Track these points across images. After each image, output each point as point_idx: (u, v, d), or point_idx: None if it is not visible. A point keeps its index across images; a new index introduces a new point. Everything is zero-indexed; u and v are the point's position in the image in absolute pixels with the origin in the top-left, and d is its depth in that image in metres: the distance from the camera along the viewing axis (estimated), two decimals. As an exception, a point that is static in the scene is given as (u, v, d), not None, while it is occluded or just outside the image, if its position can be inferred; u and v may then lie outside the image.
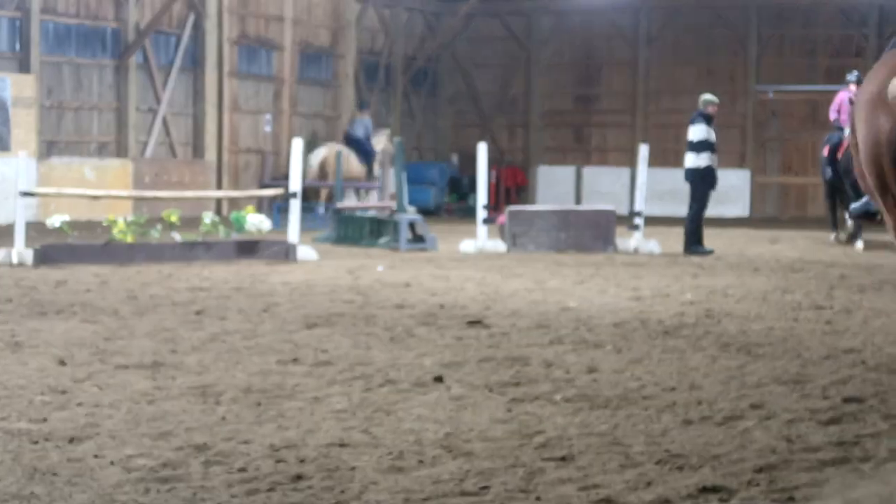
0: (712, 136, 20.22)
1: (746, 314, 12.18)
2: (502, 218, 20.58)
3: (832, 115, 22.02)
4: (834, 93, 32.56)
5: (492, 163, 25.75)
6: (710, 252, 19.74)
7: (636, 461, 6.25)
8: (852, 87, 20.63)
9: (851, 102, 18.06)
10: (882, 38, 33.16)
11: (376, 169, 29.61)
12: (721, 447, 6.56)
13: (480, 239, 19.87)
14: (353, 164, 28.76)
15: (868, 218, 10.16)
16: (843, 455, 6.44)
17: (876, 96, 8.66)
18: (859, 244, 20.95)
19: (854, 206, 10.65)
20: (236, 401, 7.54)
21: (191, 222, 18.55)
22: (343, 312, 11.77)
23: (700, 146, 19.92)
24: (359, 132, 29.62)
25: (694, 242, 20.01)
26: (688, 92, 32.54)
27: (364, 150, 29.25)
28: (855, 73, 21.51)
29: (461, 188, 33.68)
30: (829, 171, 22.04)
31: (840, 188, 21.39)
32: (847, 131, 12.01)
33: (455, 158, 35.71)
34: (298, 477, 5.82)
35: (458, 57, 36.99)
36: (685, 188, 20.51)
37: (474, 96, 36.82)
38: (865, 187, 9.48)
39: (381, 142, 29.70)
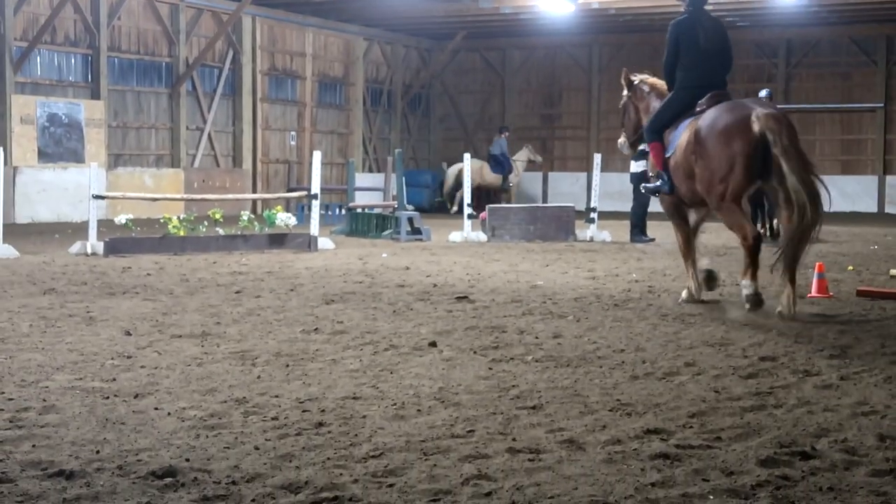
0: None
1: (681, 290, 12.15)
2: (483, 214, 20.55)
3: None
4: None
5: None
6: (652, 240, 19.75)
7: (593, 409, 6.23)
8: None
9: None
10: (790, 67, 33.17)
11: (513, 178, 30.80)
12: (661, 397, 6.54)
13: (466, 231, 19.84)
14: (487, 175, 29.96)
15: (655, 193, 11.21)
16: (761, 403, 6.42)
17: (729, 128, 9.93)
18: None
19: (648, 186, 11.50)
20: (269, 363, 7.51)
21: (231, 220, 18.52)
22: (355, 291, 11.75)
23: (640, 155, 19.98)
24: (495, 150, 30.77)
25: (639, 232, 20.01)
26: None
27: (499, 164, 30.44)
28: (767, 90, 20.92)
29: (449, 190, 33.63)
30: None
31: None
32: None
33: (445, 166, 35.68)
34: (320, 424, 5.79)
35: (446, 85, 36.93)
36: (630, 189, 20.52)
37: (459, 116, 36.78)
38: (690, 195, 10.71)
39: (523, 154, 31.02)
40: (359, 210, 21.47)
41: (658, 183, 10.97)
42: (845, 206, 31.81)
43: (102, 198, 17.26)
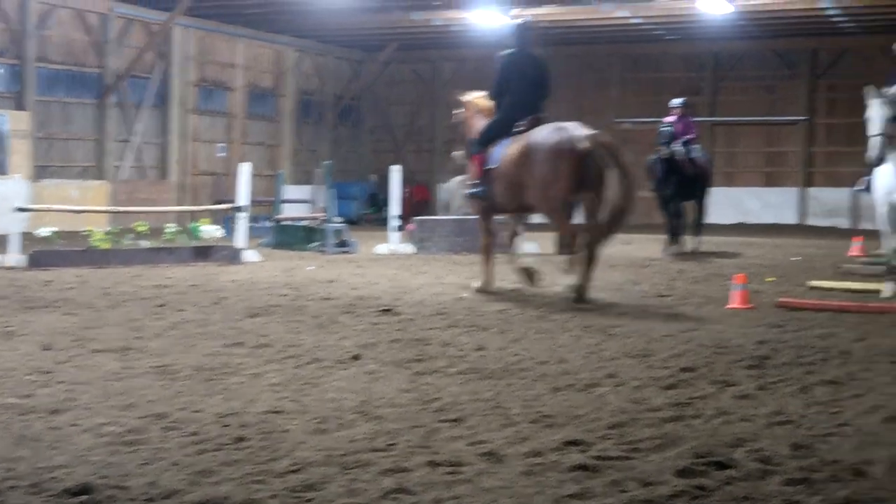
0: None
1: (604, 301, 12.26)
2: (411, 226, 20.56)
3: (663, 133, 20.27)
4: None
5: (404, 181, 25.73)
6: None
7: (514, 421, 6.25)
8: (676, 111, 20.58)
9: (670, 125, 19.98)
10: (717, 80, 33.59)
11: None
12: (582, 409, 6.58)
13: (393, 243, 19.84)
14: None
15: (478, 198, 12.91)
16: (679, 413, 6.49)
17: (559, 146, 11.77)
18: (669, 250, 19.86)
19: (473, 190, 13.11)
20: (190, 377, 7.45)
21: (156, 232, 18.34)
22: (279, 304, 11.69)
23: None
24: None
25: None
26: (561, 124, 32.72)
27: None
28: (681, 99, 21.19)
29: (378, 202, 33.62)
30: (666, 186, 20.27)
31: (677, 200, 20.21)
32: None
33: (374, 178, 35.65)
34: (240, 439, 5.76)
35: (377, 96, 36.92)
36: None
37: (390, 128, 36.78)
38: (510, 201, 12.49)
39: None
40: (286, 222, 21.38)
41: (477, 189, 12.78)
42: (768, 217, 32.26)
43: (25, 210, 17.02)
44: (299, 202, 27.25)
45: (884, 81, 12.89)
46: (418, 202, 34.45)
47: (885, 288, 12.56)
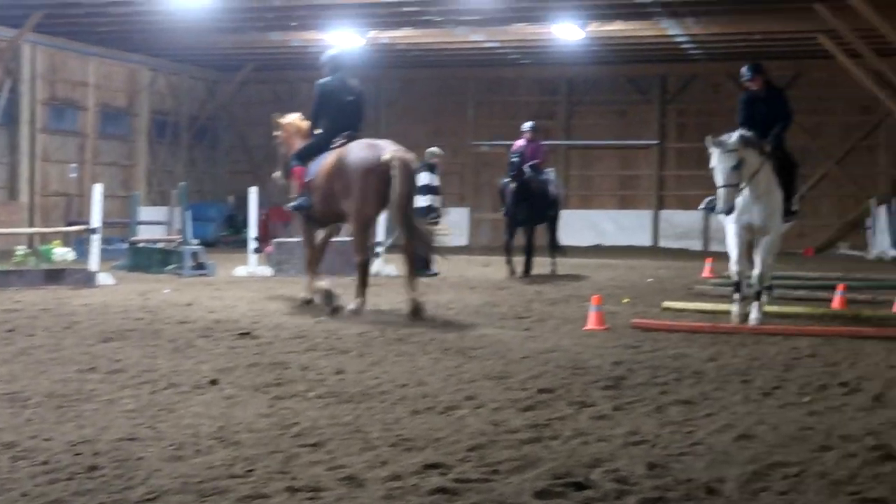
0: (434, 182, 20.67)
1: (463, 324, 12.33)
2: (269, 248, 20.38)
3: (513, 158, 19.75)
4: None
5: (262, 203, 25.51)
6: (437, 274, 19.95)
7: (374, 445, 6.24)
8: (527, 135, 20.56)
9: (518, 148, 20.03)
10: (570, 104, 34.14)
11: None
12: (441, 431, 6.60)
13: (251, 266, 19.64)
14: None
15: (302, 209, 13.82)
16: (538, 435, 6.56)
17: (368, 161, 12.80)
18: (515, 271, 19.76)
19: (293, 203, 14.02)
20: (41, 404, 7.25)
21: (5, 255, 17.84)
22: (134, 328, 11.45)
23: (423, 190, 20.35)
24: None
25: (424, 266, 20.17)
26: (420, 146, 32.77)
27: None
28: (530, 123, 21.15)
29: (236, 224, 33.23)
30: (515, 210, 19.84)
31: (527, 224, 19.90)
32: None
33: (231, 199, 35.24)
34: (93, 467, 5.63)
35: (233, 116, 36.57)
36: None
37: (247, 149, 36.42)
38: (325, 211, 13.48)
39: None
40: (141, 244, 20.99)
41: (301, 200, 13.73)
42: (623, 239, 32.87)
43: None
44: (155, 224, 26.80)
45: (731, 107, 13.26)
46: (276, 224, 34.17)
47: (733, 310, 12.74)
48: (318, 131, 13.84)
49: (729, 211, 12.11)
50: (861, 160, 31.84)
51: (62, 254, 17.21)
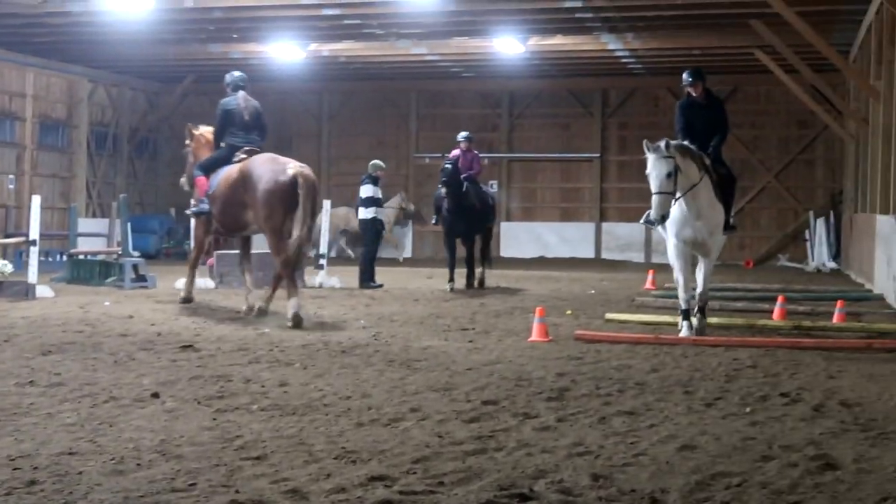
0: (378, 194, 20.65)
1: (408, 336, 12.31)
2: (211, 260, 20.25)
3: (446, 165, 19.49)
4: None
5: (203, 215, 25.33)
6: (381, 286, 19.92)
7: (318, 457, 6.20)
8: (462, 146, 20.14)
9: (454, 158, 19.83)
10: (512, 117, 34.26)
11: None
12: (386, 444, 6.58)
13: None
14: (353, 221, 29.10)
15: (201, 215, 14.91)
16: (483, 446, 6.55)
17: (273, 173, 13.81)
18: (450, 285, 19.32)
19: (193, 209, 15.15)
20: (-22, 419, 7.14)
21: (-58, 266, 17.55)
22: (74, 341, 11.31)
23: (368, 202, 20.36)
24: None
25: (368, 278, 20.16)
26: (362, 158, 32.83)
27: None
28: (465, 133, 20.63)
29: (177, 236, 32.99)
30: (450, 222, 19.62)
31: (463, 235, 19.67)
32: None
33: (172, 211, 34.98)
34: (32, 482, 5.54)
35: (174, 128, 36.27)
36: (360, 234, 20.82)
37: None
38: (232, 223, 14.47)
39: (394, 201, 30.16)
40: (81, 256, 20.76)
41: (200, 207, 14.75)
42: (566, 251, 33.00)
43: None
44: (95, 236, 26.47)
45: (672, 120, 13.20)
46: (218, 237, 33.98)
47: (681, 327, 12.55)
48: (221, 145, 14.88)
49: (662, 220, 11.85)
50: (799, 173, 32.25)
51: (0, 266, 16.94)
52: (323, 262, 20.55)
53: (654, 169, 11.77)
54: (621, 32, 25.70)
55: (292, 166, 13.91)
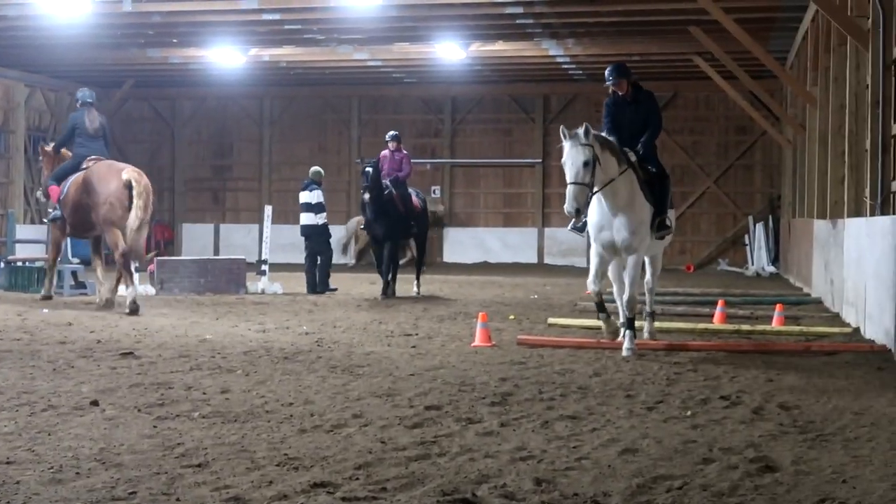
0: (322, 199, 20.46)
1: (350, 341, 12.29)
2: (152, 266, 20.08)
3: (366, 168, 18.89)
4: (419, 164, 33.60)
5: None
6: (335, 290, 19.93)
7: (260, 464, 6.17)
8: (390, 146, 19.37)
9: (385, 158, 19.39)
10: (455, 122, 34.32)
11: None
12: (329, 450, 6.56)
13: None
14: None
15: (56, 220, 16.96)
16: (426, 452, 6.55)
17: (109, 177, 15.97)
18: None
19: (52, 215, 17.09)
20: (-87, 429, 7.02)
21: None
22: (11, 349, 11.16)
23: (318, 207, 20.11)
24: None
25: (326, 283, 19.95)
26: (303, 164, 32.74)
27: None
28: (392, 133, 19.87)
29: (117, 242, 32.66)
30: (375, 227, 19.06)
31: (389, 240, 19.02)
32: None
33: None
34: (-31, 492, 5.47)
35: (114, 133, 35.88)
36: (301, 241, 20.60)
37: (128, 166, 35.86)
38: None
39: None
40: (19, 263, 20.50)
41: (55, 213, 16.75)
42: (508, 257, 33.09)
43: None
44: (33, 242, 26.13)
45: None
46: (159, 242, 33.72)
47: (602, 328, 12.18)
48: (69, 156, 16.98)
49: (577, 213, 11.00)
50: (738, 179, 32.60)
51: (-65, 273, 16.69)
52: (265, 267, 20.43)
53: (570, 157, 11.03)
54: (562, 38, 25.82)
55: (127, 171, 16.01)
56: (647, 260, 12.49)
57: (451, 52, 27.07)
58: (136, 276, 16.39)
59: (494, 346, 11.93)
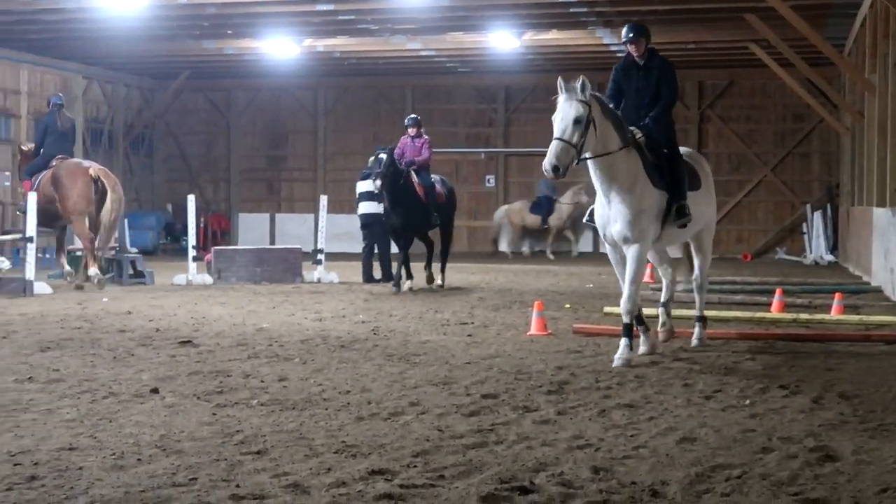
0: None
1: (406, 330, 12.31)
2: (209, 256, 20.23)
3: (378, 154, 17.83)
4: (473, 154, 33.51)
5: (200, 211, 25.40)
6: (379, 281, 19.83)
7: (318, 452, 6.21)
8: (410, 131, 18.46)
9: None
10: (508, 112, 34.25)
11: (553, 220, 30.70)
12: (386, 437, 6.58)
13: (191, 273, 19.47)
14: (526, 217, 30.71)
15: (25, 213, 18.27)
16: (483, 440, 6.56)
17: (77, 172, 18.16)
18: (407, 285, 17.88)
19: (21, 209, 19.50)
20: (-22, 415, 7.14)
21: (-62, 264, 17.54)
22: (72, 337, 11.31)
23: (379, 196, 18.69)
24: (541, 191, 31.14)
25: (389, 273, 19.25)
26: (358, 154, 32.88)
27: (539, 206, 30.76)
28: (413, 116, 19.01)
29: (174, 232, 33.00)
30: (392, 216, 17.91)
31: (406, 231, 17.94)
32: None
33: (169, 207, 34.99)
34: (33, 477, 5.55)
35: (169, 124, 36.26)
36: (357, 229, 20.54)
37: (184, 157, 36.15)
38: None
39: (567, 196, 30.22)
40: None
41: (26, 206, 17.73)
42: (563, 245, 32.99)
43: None
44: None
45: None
46: (216, 232, 33.99)
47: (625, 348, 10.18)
48: (41, 153, 18.68)
49: (555, 171, 9.43)
50: (796, 167, 32.27)
51: (-4, 262, 16.93)
52: (321, 257, 20.51)
53: (561, 112, 9.67)
54: (616, 27, 25.67)
55: (93, 168, 18.13)
56: (693, 250, 11.35)
57: (504, 41, 27.01)
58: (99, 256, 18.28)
59: (550, 334, 11.90)
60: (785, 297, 15.04)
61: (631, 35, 10.52)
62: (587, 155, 9.77)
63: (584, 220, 11.04)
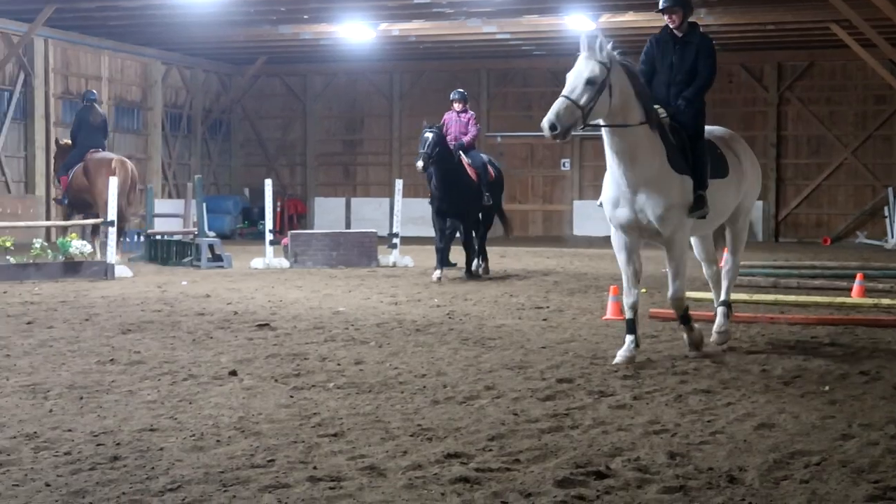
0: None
1: (481, 314, 12.32)
2: (285, 240, 20.41)
3: (426, 133, 16.42)
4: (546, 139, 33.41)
5: (277, 195, 25.59)
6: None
7: (394, 434, 6.25)
8: (456, 107, 17.49)
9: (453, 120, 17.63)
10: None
11: None
12: (462, 421, 6.60)
13: (268, 257, 19.66)
14: None
15: (62, 204, 20.86)
16: (558, 424, 6.55)
17: (102, 164, 19.90)
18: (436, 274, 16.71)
19: (60, 199, 20.95)
20: (62, 396, 7.27)
21: (23, 247, 17.87)
22: (153, 320, 11.49)
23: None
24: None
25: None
26: (433, 138, 32.90)
27: None
28: (459, 91, 17.94)
29: (252, 216, 33.31)
30: (437, 199, 16.68)
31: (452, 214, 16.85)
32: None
33: (246, 192, 35.34)
34: (115, 458, 5.65)
35: (246, 109, 36.60)
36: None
37: (261, 141, 36.48)
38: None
39: None
40: (158, 237, 21.04)
41: (62, 198, 20.45)
42: (638, 230, 32.79)
43: None
44: (171, 216, 26.79)
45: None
46: (292, 216, 34.27)
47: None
48: (74, 148, 20.25)
49: (552, 129, 8.47)
50: (877, 149, 31.73)
51: (79, 246, 17.17)
52: (396, 241, 20.59)
53: (575, 70, 8.85)
54: (695, 8, 25.45)
55: (115, 160, 19.87)
56: (727, 237, 10.58)
57: (580, 23, 26.86)
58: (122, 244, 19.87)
59: (626, 319, 11.82)
60: (866, 282, 14.82)
61: (667, 3, 9.71)
62: (599, 122, 8.86)
63: (598, 204, 9.74)
